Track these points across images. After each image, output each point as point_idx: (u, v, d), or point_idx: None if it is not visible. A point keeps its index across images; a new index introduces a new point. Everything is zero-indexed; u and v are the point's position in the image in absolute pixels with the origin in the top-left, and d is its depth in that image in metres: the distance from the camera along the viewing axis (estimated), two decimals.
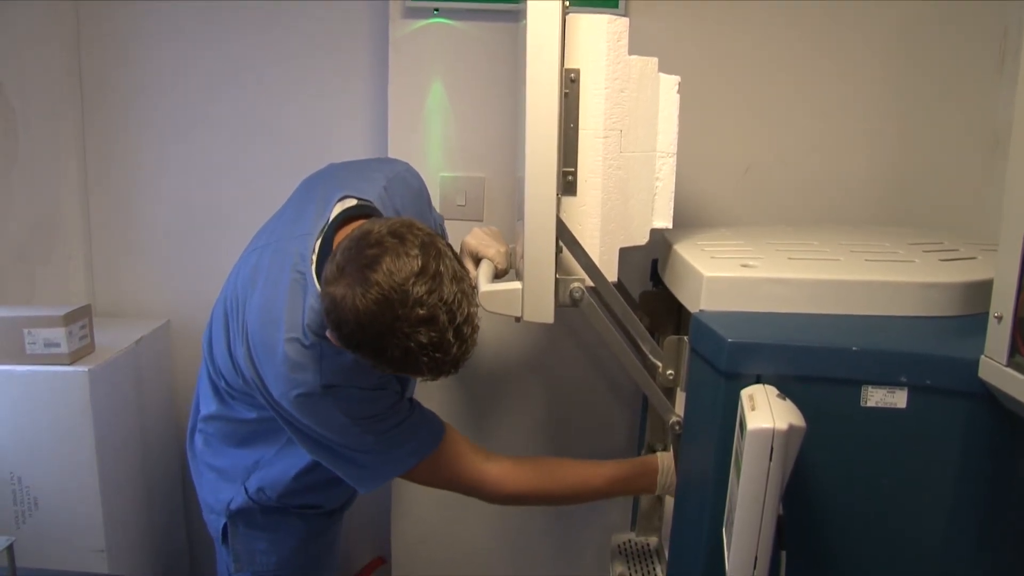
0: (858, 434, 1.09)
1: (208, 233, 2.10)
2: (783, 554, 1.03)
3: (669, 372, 1.31)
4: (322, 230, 1.29)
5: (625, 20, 1.25)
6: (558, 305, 1.29)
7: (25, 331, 1.68)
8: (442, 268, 1.12)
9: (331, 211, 1.31)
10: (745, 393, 1.05)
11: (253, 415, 1.41)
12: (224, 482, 1.51)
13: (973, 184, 1.85)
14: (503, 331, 1.93)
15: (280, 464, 1.45)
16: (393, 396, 1.34)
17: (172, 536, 2.16)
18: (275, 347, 1.25)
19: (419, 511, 2.09)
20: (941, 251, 1.40)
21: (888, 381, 1.07)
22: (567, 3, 1.21)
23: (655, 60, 1.31)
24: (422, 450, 1.38)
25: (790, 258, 1.32)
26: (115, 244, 2.13)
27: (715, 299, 1.21)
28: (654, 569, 1.68)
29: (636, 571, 1.68)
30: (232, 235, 2.01)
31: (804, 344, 1.10)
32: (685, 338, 1.27)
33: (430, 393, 1.95)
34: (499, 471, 1.44)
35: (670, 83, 1.33)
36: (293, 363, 1.25)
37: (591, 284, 1.30)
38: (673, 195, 1.36)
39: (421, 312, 1.09)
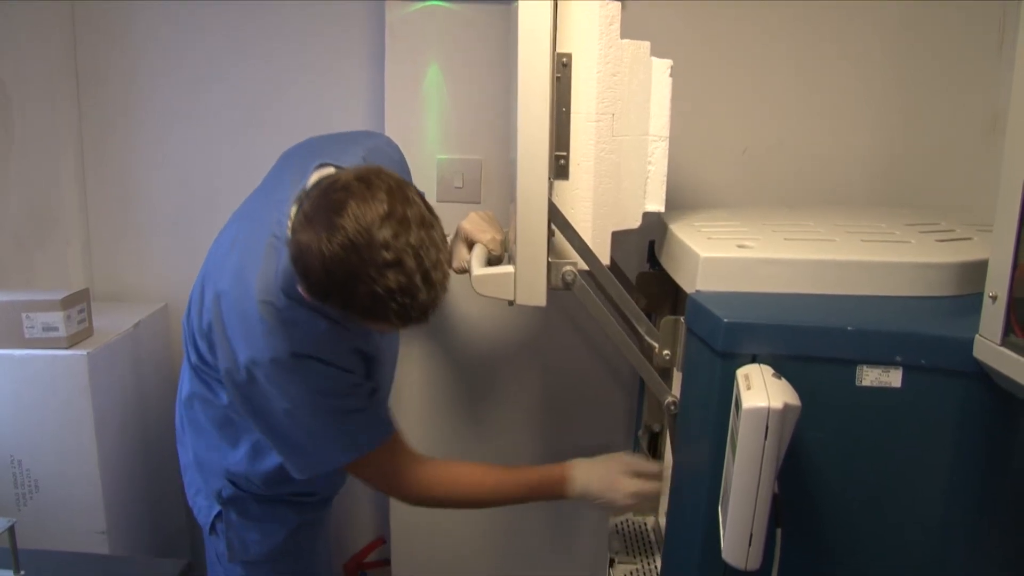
0: (853, 413, 1.09)
1: (206, 216, 2.09)
2: (778, 532, 1.04)
3: (666, 352, 1.32)
4: (299, 197, 1.27)
5: (617, 4, 1.25)
6: (551, 288, 1.28)
7: (23, 315, 1.68)
8: (409, 213, 1.11)
9: (308, 178, 1.30)
10: (741, 372, 1.05)
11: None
12: (208, 469, 1.50)
13: (971, 165, 1.84)
14: (500, 313, 1.93)
15: (264, 450, 1.44)
16: (358, 380, 1.34)
17: (172, 516, 2.17)
18: (247, 310, 1.25)
19: None
20: (937, 232, 1.39)
21: (883, 361, 1.07)
22: None
23: (647, 44, 1.31)
24: (365, 446, 1.36)
25: (786, 239, 1.32)
26: (113, 228, 2.12)
27: (711, 279, 1.21)
28: (651, 547, 1.69)
29: (633, 549, 1.69)
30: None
31: (800, 324, 1.09)
32: (681, 319, 1.27)
33: (433, 373, 1.95)
34: (429, 476, 1.43)
35: (662, 67, 1.32)
36: (265, 327, 1.24)
37: (584, 268, 1.30)
38: (665, 178, 1.36)
39: (387, 256, 1.08)
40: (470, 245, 1.48)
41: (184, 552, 2.25)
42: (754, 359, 1.09)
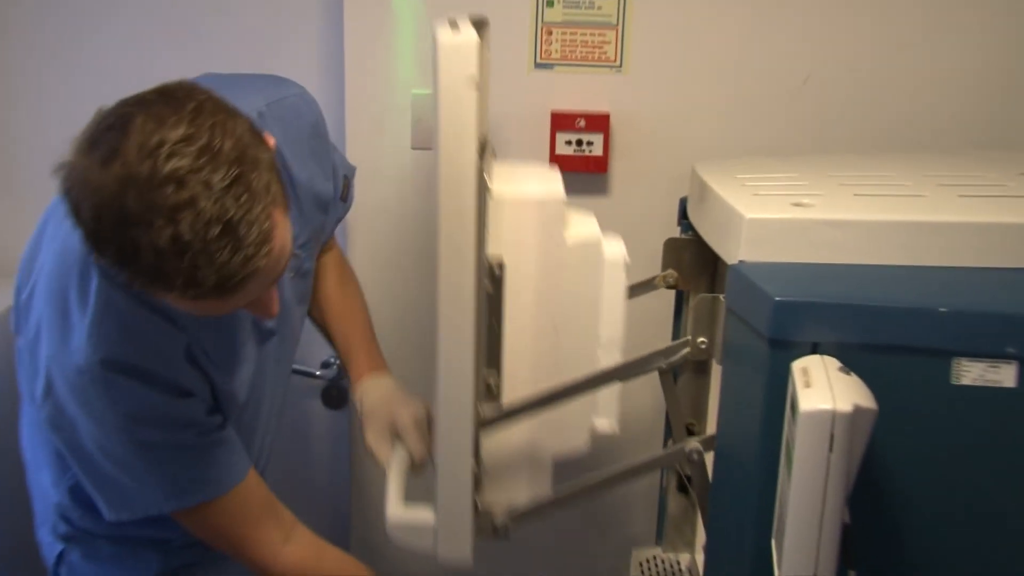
0: (948, 420, 1.06)
1: None
2: (851, 574, 1.01)
3: (701, 340, 1.30)
4: None
5: (560, 201, 1.29)
6: (480, 540, 1.31)
7: None
8: (219, 143, 1.02)
9: None
10: (797, 366, 1.02)
11: None
12: (41, 496, 1.49)
13: None
14: None
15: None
16: (195, 408, 1.31)
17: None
18: (63, 289, 1.21)
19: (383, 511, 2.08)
20: None
21: (989, 352, 1.03)
22: (490, 185, 1.23)
23: (598, 240, 1.34)
24: (196, 495, 1.34)
25: (857, 194, 1.30)
26: None
27: (759, 247, 1.18)
28: None
29: None
30: None
31: (875, 303, 1.06)
32: (721, 296, 1.24)
33: None
34: (294, 559, 1.43)
35: (616, 264, 1.35)
36: (74, 316, 1.20)
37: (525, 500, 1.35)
38: (620, 390, 1.40)
39: (176, 195, 0.99)
40: (396, 436, 1.51)
41: None
42: (815, 349, 1.06)
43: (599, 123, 1.87)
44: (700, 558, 1.64)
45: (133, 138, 1.00)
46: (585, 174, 1.90)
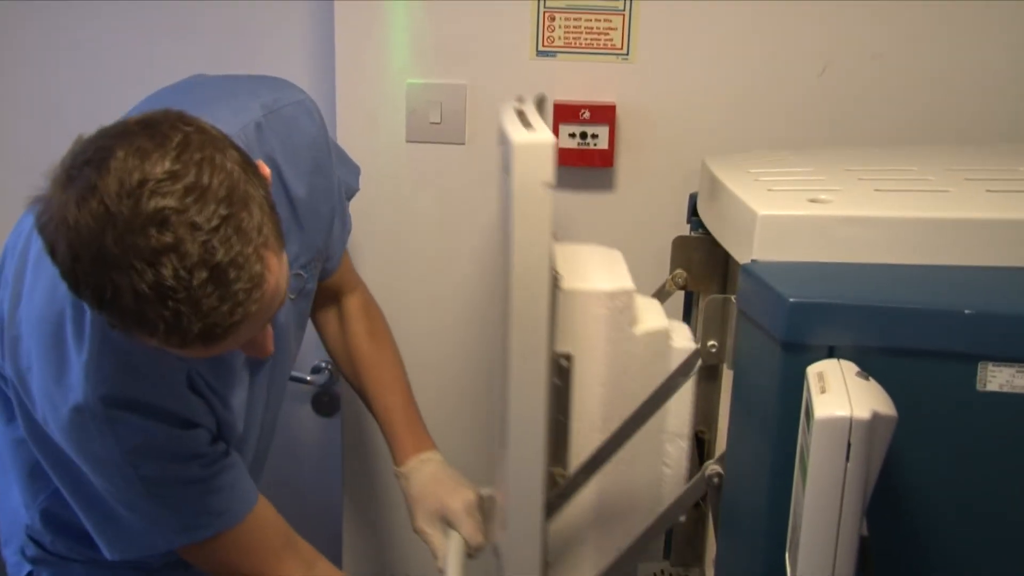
0: (973, 427, 1.05)
1: None
2: None
3: (711, 344, 1.30)
4: None
5: (629, 291, 1.34)
6: None
7: None
8: (208, 181, 0.99)
9: None
10: (813, 370, 1.01)
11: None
12: (6, 513, 1.49)
13: None
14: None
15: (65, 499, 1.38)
16: (201, 439, 1.30)
17: None
18: (57, 325, 1.20)
19: (377, 525, 2.12)
20: None
21: (1019, 356, 1.03)
22: (558, 276, 1.29)
23: (666, 329, 1.39)
24: (207, 529, 1.33)
25: (878, 189, 1.29)
26: None
27: (773, 245, 1.17)
28: None
29: None
30: None
31: (895, 304, 1.06)
32: (732, 297, 1.23)
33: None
34: None
35: (684, 354, 1.38)
36: (71, 350, 1.19)
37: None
38: (684, 481, 1.44)
39: (160, 237, 0.96)
40: (447, 526, 1.57)
41: None
42: (831, 352, 1.05)
43: (604, 114, 1.86)
44: (710, 573, 1.62)
45: (113, 174, 0.97)
46: (590, 168, 1.90)
